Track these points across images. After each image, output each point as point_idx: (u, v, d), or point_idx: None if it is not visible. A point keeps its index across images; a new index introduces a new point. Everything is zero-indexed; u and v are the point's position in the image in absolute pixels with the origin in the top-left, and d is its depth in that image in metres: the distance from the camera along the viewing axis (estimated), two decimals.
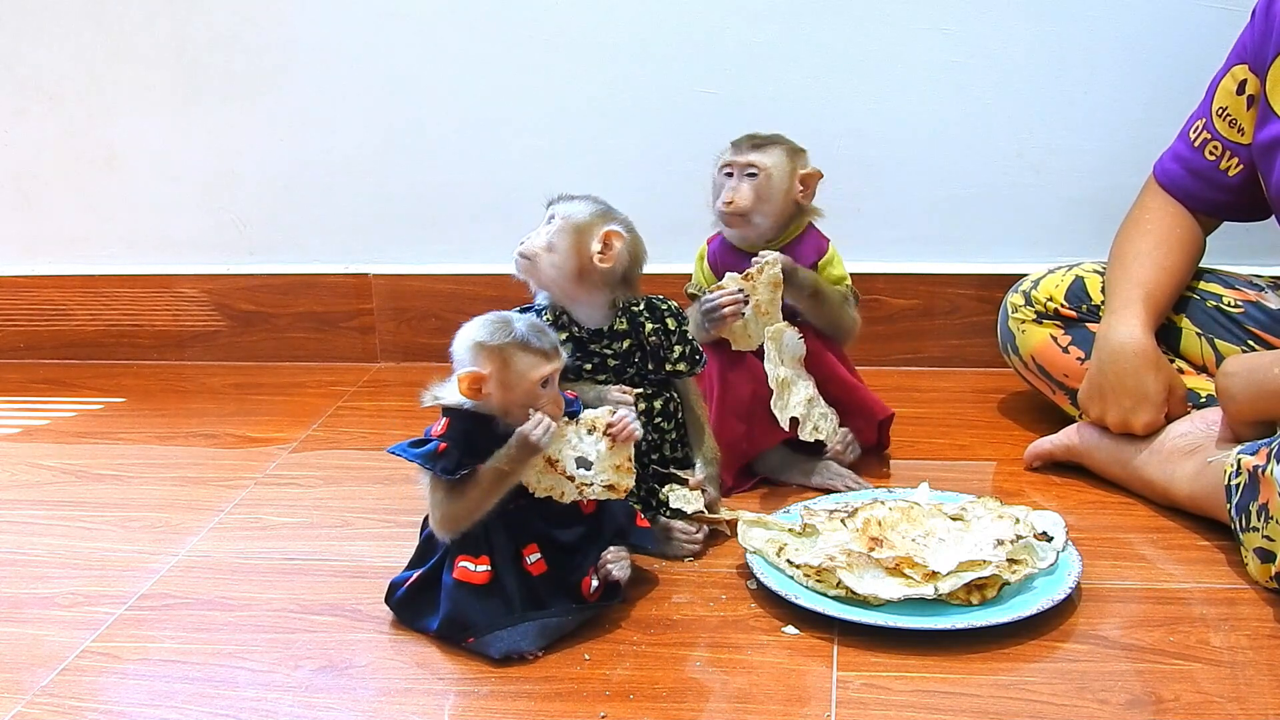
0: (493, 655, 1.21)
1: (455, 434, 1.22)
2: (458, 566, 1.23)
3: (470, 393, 1.22)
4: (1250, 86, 1.55)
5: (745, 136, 1.61)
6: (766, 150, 1.59)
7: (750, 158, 1.58)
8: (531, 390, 1.23)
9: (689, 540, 1.42)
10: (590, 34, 2.04)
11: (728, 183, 1.60)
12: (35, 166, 2.25)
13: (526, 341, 1.22)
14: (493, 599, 1.23)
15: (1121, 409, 1.54)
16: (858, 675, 1.18)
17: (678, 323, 1.46)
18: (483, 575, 1.23)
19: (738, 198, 1.57)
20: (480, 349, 1.23)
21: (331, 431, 1.91)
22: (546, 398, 1.24)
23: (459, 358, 1.24)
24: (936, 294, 2.07)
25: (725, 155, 1.61)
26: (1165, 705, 1.12)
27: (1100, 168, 1.99)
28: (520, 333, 1.23)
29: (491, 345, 1.22)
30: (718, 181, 1.61)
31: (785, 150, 1.60)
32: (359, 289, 2.21)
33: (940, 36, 1.97)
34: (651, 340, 1.44)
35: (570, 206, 1.42)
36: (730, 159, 1.60)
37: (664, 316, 1.45)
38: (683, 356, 1.46)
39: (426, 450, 1.22)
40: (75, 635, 1.31)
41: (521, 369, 1.22)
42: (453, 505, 1.22)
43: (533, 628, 1.22)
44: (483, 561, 1.23)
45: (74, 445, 1.90)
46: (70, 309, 2.29)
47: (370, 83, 2.12)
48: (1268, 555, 1.28)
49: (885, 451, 1.71)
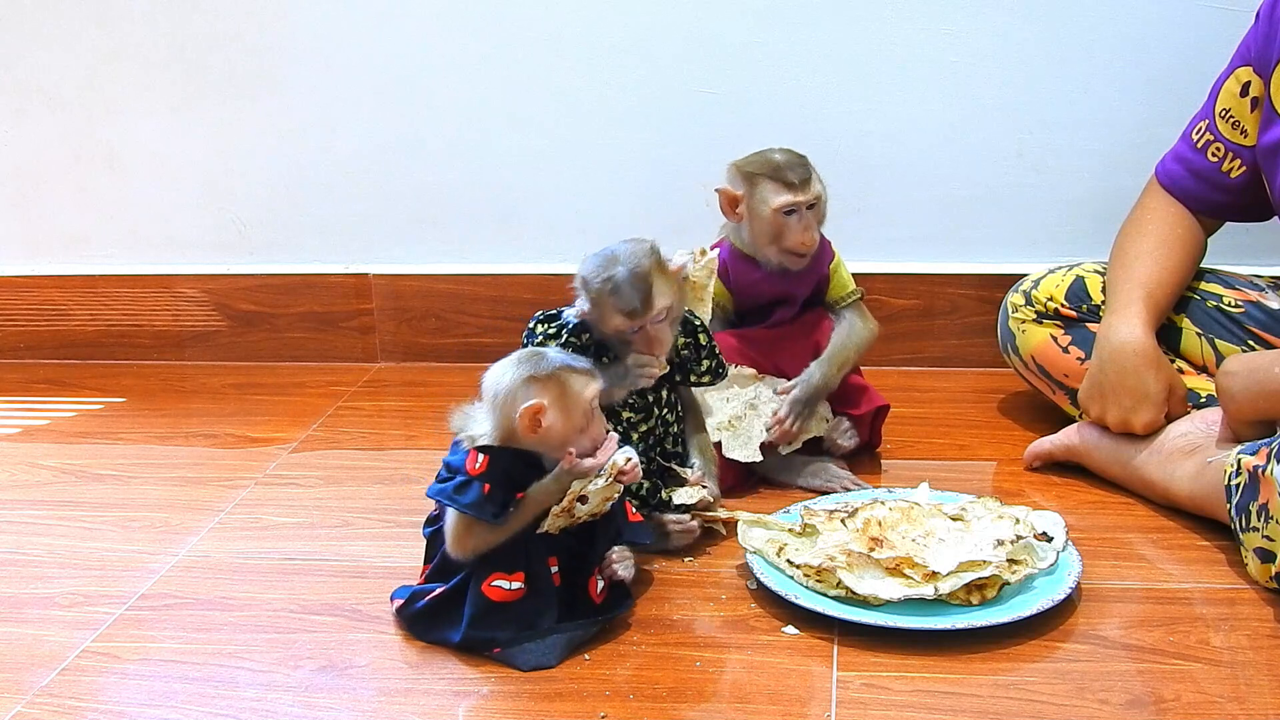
0: (520, 667, 1.21)
1: (497, 473, 1.21)
2: (491, 585, 1.22)
3: (530, 427, 1.21)
4: (1254, 89, 1.55)
5: (781, 168, 1.54)
6: (813, 178, 1.56)
7: (813, 193, 1.54)
8: (588, 411, 1.23)
9: (684, 530, 1.42)
10: (590, 34, 2.04)
11: (792, 222, 1.54)
12: (35, 166, 2.25)
13: (571, 365, 1.24)
14: (521, 612, 1.22)
15: (1122, 408, 1.54)
16: (858, 675, 1.18)
17: (708, 337, 1.47)
18: (517, 593, 1.22)
19: (815, 236, 1.55)
20: (533, 381, 1.22)
21: (331, 431, 1.91)
22: (599, 419, 1.25)
23: (503, 397, 1.22)
24: (936, 294, 2.07)
25: (779, 196, 1.53)
26: (1165, 705, 1.12)
27: (1100, 168, 1.99)
28: (562, 358, 1.24)
29: (542, 374, 1.22)
30: (771, 221, 1.54)
31: (815, 170, 1.57)
32: (359, 289, 2.21)
33: (941, 36, 1.97)
34: (682, 354, 1.45)
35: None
36: (793, 200, 1.53)
37: (695, 331, 1.46)
38: (709, 370, 1.47)
39: (474, 496, 1.20)
40: (75, 635, 1.31)
41: (577, 389, 1.23)
42: (483, 539, 1.22)
43: (559, 640, 1.22)
44: (518, 578, 1.23)
45: (74, 445, 1.90)
46: (70, 309, 2.29)
47: (371, 83, 2.12)
48: (1268, 555, 1.28)
49: (879, 450, 1.71)
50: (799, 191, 1.53)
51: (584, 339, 1.40)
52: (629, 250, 1.37)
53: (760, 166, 1.56)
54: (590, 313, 1.38)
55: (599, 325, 1.38)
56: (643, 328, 1.37)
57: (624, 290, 1.34)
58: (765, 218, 1.55)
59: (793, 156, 1.56)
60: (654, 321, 1.37)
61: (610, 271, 1.35)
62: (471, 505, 1.20)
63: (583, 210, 2.11)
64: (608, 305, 1.36)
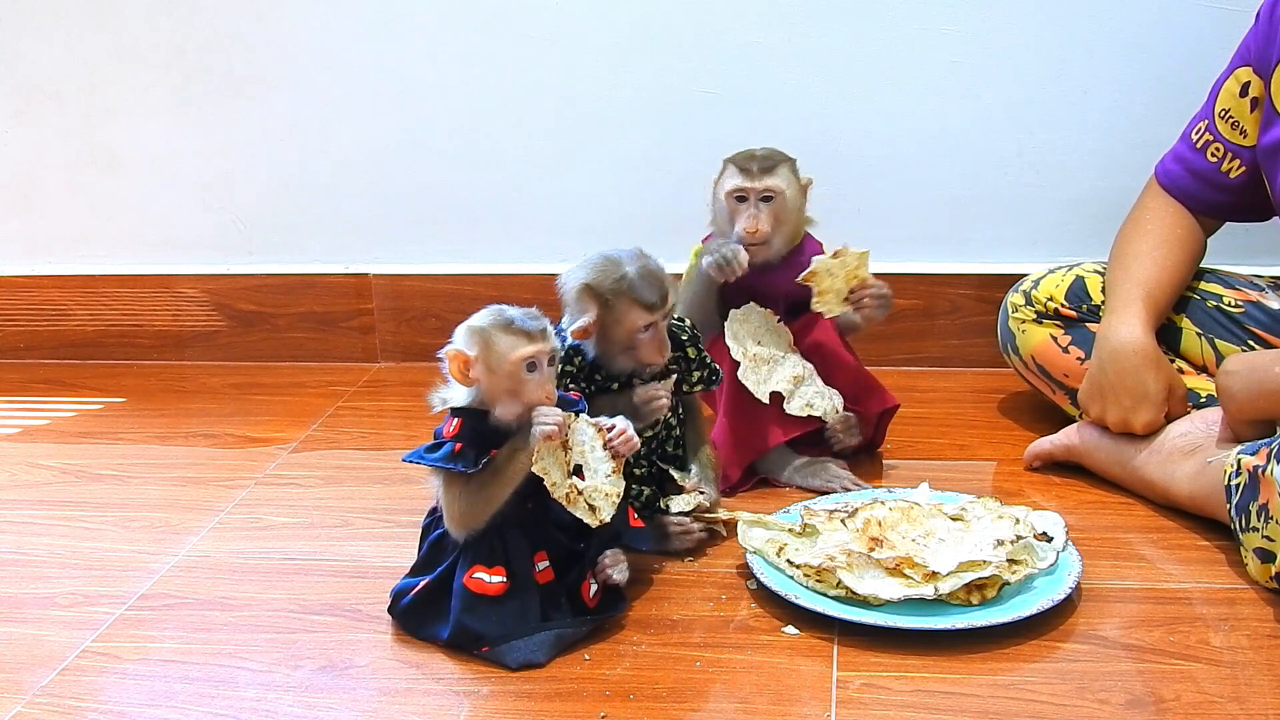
0: (509, 666, 1.21)
1: (468, 432, 1.22)
2: (473, 577, 1.23)
3: (459, 375, 1.22)
4: (1254, 89, 1.55)
5: (745, 157, 1.57)
6: (776, 171, 1.56)
7: (766, 183, 1.55)
8: (514, 373, 1.22)
9: (684, 533, 1.42)
10: (590, 34, 2.04)
11: (742, 209, 1.56)
12: (35, 166, 2.25)
13: (509, 322, 1.22)
14: (507, 609, 1.22)
15: (1121, 408, 1.54)
16: (858, 675, 1.18)
17: (697, 350, 1.47)
18: (498, 586, 1.22)
19: (761, 226, 1.55)
20: (467, 331, 1.24)
21: (331, 431, 1.91)
22: (533, 383, 1.23)
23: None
24: (936, 294, 2.07)
25: (732, 179, 1.57)
26: (1165, 705, 1.12)
27: (1100, 168, 1.99)
28: (505, 314, 1.23)
29: (476, 327, 1.23)
30: (726, 206, 1.57)
31: (789, 166, 1.58)
32: (359, 289, 2.21)
33: (940, 36, 1.97)
34: (671, 368, 1.45)
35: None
36: (742, 185, 1.56)
37: (684, 345, 1.46)
38: (701, 379, 1.48)
39: (444, 452, 1.21)
40: (75, 635, 1.31)
41: (502, 349, 1.21)
42: (469, 500, 1.21)
43: (548, 638, 1.22)
44: (498, 572, 1.23)
45: (74, 445, 1.90)
46: (70, 309, 2.29)
47: (370, 83, 2.12)
48: (1268, 555, 1.28)
49: (880, 450, 1.71)
50: (750, 178, 1.55)
51: (577, 363, 1.39)
52: (625, 253, 1.37)
53: (736, 155, 1.59)
54: (601, 316, 1.36)
55: (610, 330, 1.37)
56: (655, 325, 1.36)
57: (642, 285, 1.35)
58: (721, 200, 1.59)
59: (769, 151, 1.58)
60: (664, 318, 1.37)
61: (622, 270, 1.35)
62: (443, 459, 1.21)
63: (583, 210, 2.11)
64: (625, 303, 1.35)
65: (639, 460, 1.42)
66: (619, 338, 1.37)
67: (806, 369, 1.62)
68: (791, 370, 1.60)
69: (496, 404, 1.23)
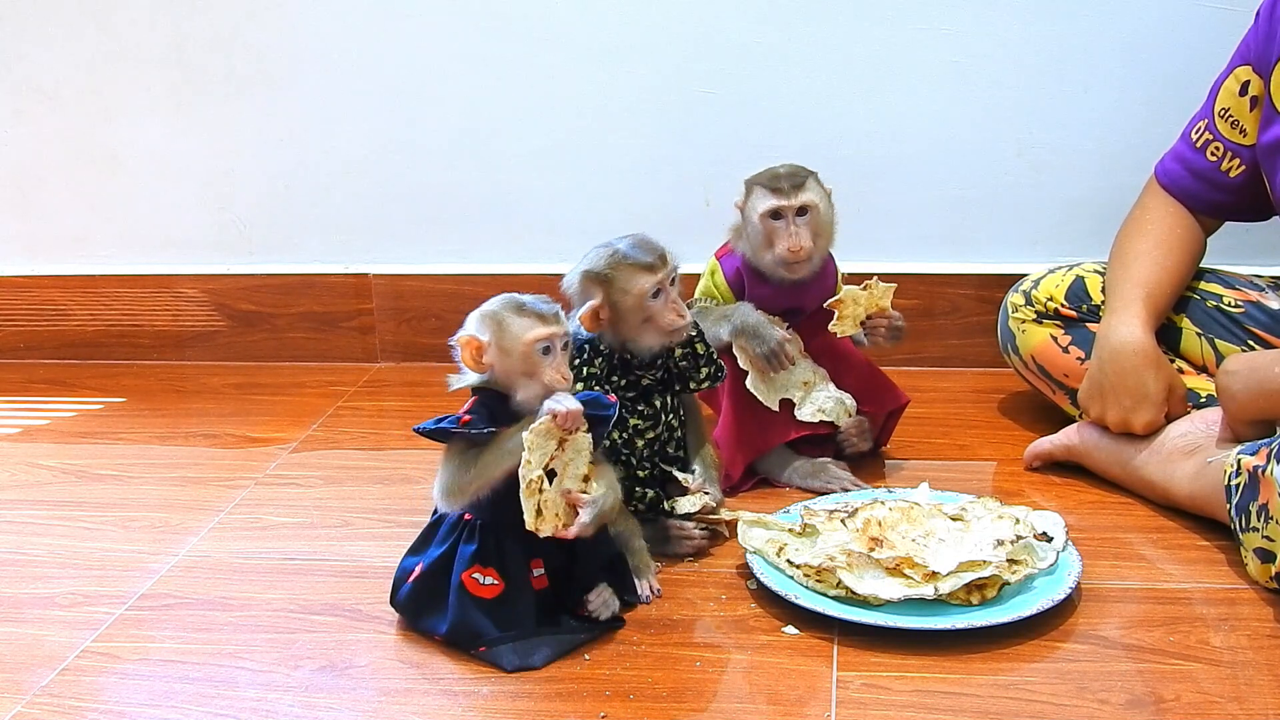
0: (505, 668, 1.21)
1: (479, 408, 1.23)
2: (470, 577, 1.22)
3: (471, 361, 1.23)
4: (1253, 88, 1.55)
5: (772, 176, 1.55)
6: (807, 186, 1.55)
7: (801, 199, 1.54)
8: (528, 354, 1.22)
9: (686, 536, 1.42)
10: (590, 34, 2.04)
11: (779, 228, 1.54)
12: (35, 166, 2.25)
13: (522, 305, 1.23)
14: (503, 611, 1.22)
15: (1121, 408, 1.54)
16: (858, 675, 1.18)
17: (705, 346, 1.47)
18: (492, 589, 1.22)
19: (804, 243, 1.54)
20: (479, 316, 1.24)
21: (331, 431, 1.91)
22: (548, 366, 1.22)
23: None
24: (936, 294, 2.07)
25: (766, 201, 1.54)
26: (1165, 705, 1.12)
27: (1100, 168, 1.99)
28: (517, 299, 1.24)
29: (488, 311, 1.24)
30: (761, 228, 1.55)
31: (815, 179, 1.57)
32: (359, 289, 2.21)
33: (940, 36, 1.97)
34: (681, 364, 1.45)
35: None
36: (778, 204, 1.53)
37: (693, 342, 1.46)
38: (709, 375, 1.48)
39: (450, 422, 1.21)
40: (75, 635, 1.31)
41: (516, 331, 1.22)
42: (463, 469, 1.20)
43: (543, 643, 1.22)
44: (490, 574, 1.22)
45: (74, 445, 1.90)
46: (70, 309, 2.29)
47: (370, 83, 2.12)
48: (1268, 555, 1.28)
49: (882, 450, 1.71)
50: (784, 197, 1.54)
51: (599, 364, 1.39)
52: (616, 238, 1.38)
53: (758, 176, 1.57)
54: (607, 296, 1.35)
55: (621, 307, 1.36)
56: (662, 287, 1.36)
57: (636, 251, 1.36)
58: (755, 223, 1.56)
59: (791, 166, 1.57)
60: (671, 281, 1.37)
61: (614, 247, 1.37)
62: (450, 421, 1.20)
63: (583, 210, 2.11)
64: (625, 272, 1.35)
65: (642, 463, 1.42)
66: (631, 313, 1.37)
67: (818, 373, 1.62)
68: (801, 376, 1.60)
69: (516, 388, 1.23)
